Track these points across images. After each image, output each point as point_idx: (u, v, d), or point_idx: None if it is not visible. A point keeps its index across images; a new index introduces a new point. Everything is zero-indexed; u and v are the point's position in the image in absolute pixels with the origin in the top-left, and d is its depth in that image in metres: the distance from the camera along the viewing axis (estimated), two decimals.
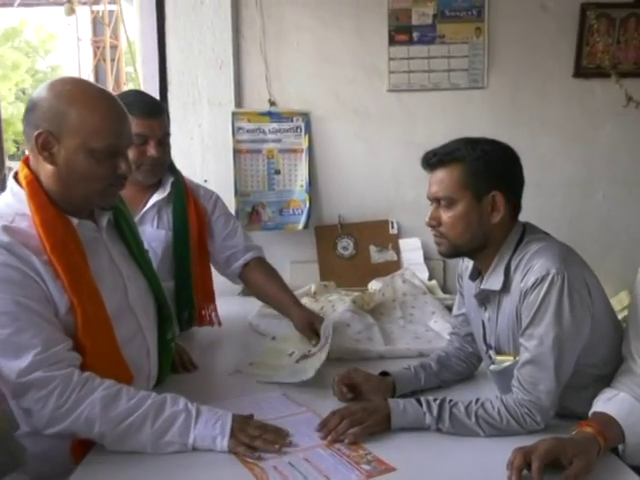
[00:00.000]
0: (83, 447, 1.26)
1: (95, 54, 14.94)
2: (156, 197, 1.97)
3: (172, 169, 2.02)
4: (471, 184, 1.36)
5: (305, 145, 2.73)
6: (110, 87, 12.54)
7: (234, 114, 2.70)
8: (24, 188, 1.31)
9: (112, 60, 13.92)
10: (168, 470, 1.18)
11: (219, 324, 2.10)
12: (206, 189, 2.14)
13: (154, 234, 1.95)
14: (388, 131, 2.75)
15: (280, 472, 1.16)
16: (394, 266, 2.76)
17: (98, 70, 14.58)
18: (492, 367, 1.46)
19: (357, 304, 2.22)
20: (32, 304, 1.21)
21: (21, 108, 21.18)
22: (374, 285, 2.56)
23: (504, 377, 1.41)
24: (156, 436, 1.22)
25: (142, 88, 2.73)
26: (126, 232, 1.51)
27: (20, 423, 1.26)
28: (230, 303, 2.38)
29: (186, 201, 1.98)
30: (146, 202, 1.97)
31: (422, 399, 1.34)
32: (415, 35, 2.71)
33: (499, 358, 1.45)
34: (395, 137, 2.75)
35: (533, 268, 1.31)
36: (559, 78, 2.75)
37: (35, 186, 1.31)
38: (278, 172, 2.73)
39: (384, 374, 1.57)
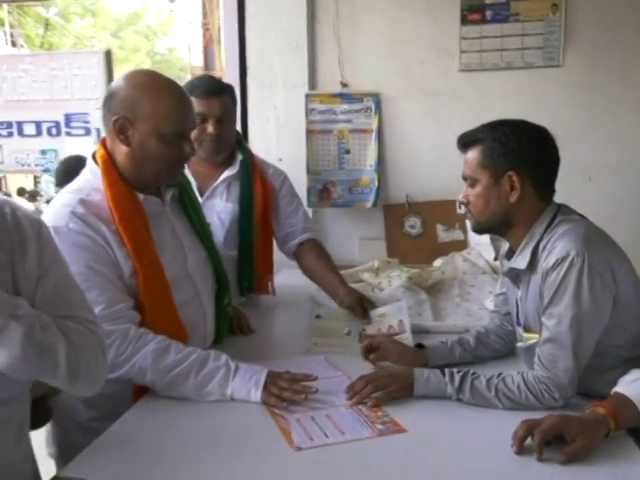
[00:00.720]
0: (142, 392, 1.46)
1: (204, 36, 15.56)
2: (226, 173, 2.13)
3: (242, 148, 2.17)
4: (488, 164, 1.43)
5: (375, 125, 2.81)
6: (217, 68, 13.03)
7: (307, 96, 2.82)
8: (100, 166, 1.51)
9: (219, 42, 14.44)
10: (207, 416, 1.34)
11: (273, 293, 2.25)
12: (276, 168, 2.27)
13: (223, 207, 2.12)
14: (458, 111, 2.76)
15: (302, 424, 1.29)
16: (460, 245, 2.79)
17: (207, 51, 15.18)
18: (519, 344, 1.51)
19: (414, 280, 2.30)
20: (100, 267, 1.41)
21: None
22: (438, 263, 2.61)
23: (530, 354, 1.45)
24: (199, 386, 1.39)
25: (224, 71, 2.93)
26: (189, 207, 1.69)
27: None
28: (296, 275, 2.53)
29: (253, 178, 2.13)
30: (217, 178, 2.14)
31: (446, 370, 1.42)
32: (488, 14, 2.69)
33: (526, 335, 1.49)
34: (465, 117, 2.73)
35: (555, 249, 1.35)
36: None
37: (109, 165, 1.50)
38: (348, 152, 2.83)
39: (420, 346, 1.65)
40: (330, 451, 1.19)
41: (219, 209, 2.10)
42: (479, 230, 1.55)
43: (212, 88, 2.02)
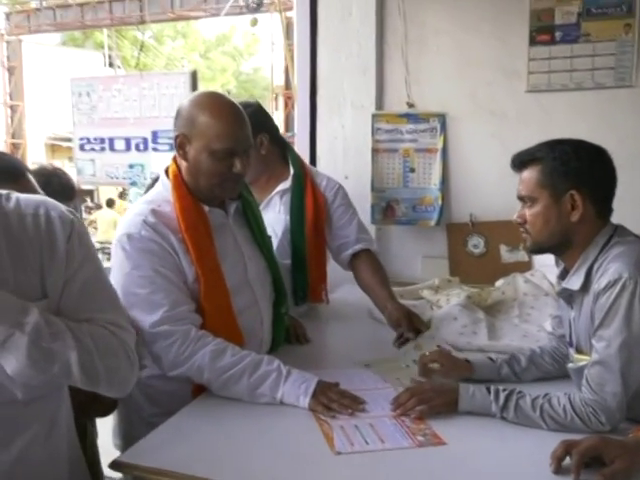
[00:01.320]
0: (200, 390, 1.57)
1: (286, 57, 15.98)
2: (280, 187, 2.23)
3: (294, 162, 2.26)
4: (549, 183, 1.43)
5: (440, 145, 2.85)
6: (292, 88, 13.33)
7: (374, 116, 2.90)
8: (170, 180, 1.65)
9: (292, 63, 14.79)
10: (256, 416, 1.43)
11: (327, 302, 2.33)
12: (330, 179, 2.33)
13: (277, 218, 2.22)
14: (525, 132, 2.74)
15: (345, 431, 1.35)
16: (525, 266, 2.76)
17: (287, 72, 15.60)
18: (570, 365, 1.51)
19: (472, 299, 2.30)
20: (166, 272, 1.54)
21: None
22: (500, 284, 2.60)
23: (580, 376, 1.44)
24: (251, 387, 1.48)
25: (296, 93, 3.06)
26: (251, 219, 1.80)
27: (152, 368, 1.60)
28: (357, 290, 2.59)
29: (305, 190, 2.21)
30: (271, 191, 2.25)
31: (492, 388, 1.44)
32: (557, 35, 2.68)
33: (577, 357, 1.49)
34: (532, 138, 2.67)
35: (608, 271, 1.35)
36: None
37: (178, 179, 1.64)
38: (413, 170, 2.88)
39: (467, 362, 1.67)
40: (369, 457, 1.25)
41: (273, 221, 2.18)
42: (537, 250, 1.56)
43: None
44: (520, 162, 1.50)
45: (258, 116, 2.13)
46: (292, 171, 2.24)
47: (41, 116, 17.08)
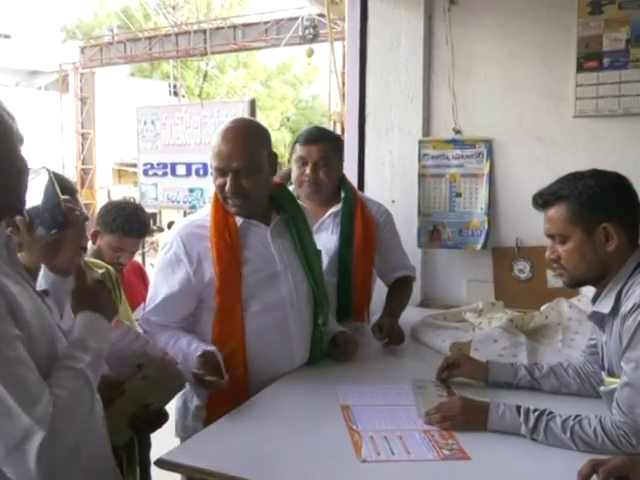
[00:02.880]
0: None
1: (344, 84, 16.26)
2: (333, 209, 2.35)
3: (345, 187, 2.37)
4: (579, 220, 1.45)
5: (486, 170, 2.88)
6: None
7: (421, 142, 2.96)
8: (212, 198, 1.85)
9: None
10: (294, 425, 1.51)
11: (368, 321, 2.38)
12: (380, 205, 2.48)
13: (329, 239, 2.32)
14: (572, 158, 2.74)
15: (374, 441, 1.40)
16: (571, 292, 2.71)
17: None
18: (602, 388, 1.51)
19: (515, 323, 2.31)
20: (172, 275, 1.78)
21: (285, 134, 24.17)
22: (544, 308, 2.58)
23: (611, 398, 1.45)
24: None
25: (346, 119, 3.17)
26: (293, 232, 1.90)
27: None
28: (406, 312, 2.63)
29: (355, 212, 2.31)
30: (324, 213, 2.36)
31: (522, 408, 1.45)
32: (605, 61, 2.68)
33: (608, 380, 1.49)
34: (579, 164, 2.66)
35: (635, 293, 1.36)
36: None
37: (217, 197, 1.82)
38: (459, 195, 2.92)
39: None
40: (393, 467, 1.30)
41: (325, 241, 2.29)
42: (576, 284, 1.58)
43: (312, 136, 2.28)
44: (544, 202, 1.53)
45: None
46: (343, 195, 2.34)
47: (110, 143, 17.93)
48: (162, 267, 1.80)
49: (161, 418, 1.52)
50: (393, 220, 2.48)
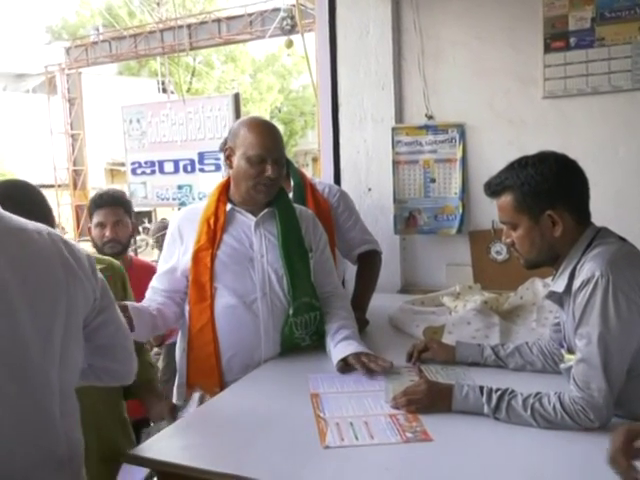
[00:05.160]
0: None
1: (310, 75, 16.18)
2: None
3: (294, 173, 2.41)
4: (524, 208, 1.49)
5: (459, 155, 2.90)
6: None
7: (394, 129, 2.98)
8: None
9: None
10: (262, 414, 1.53)
11: None
12: (332, 186, 2.55)
13: None
14: (544, 139, 2.75)
15: (339, 427, 1.43)
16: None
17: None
18: (561, 365, 1.54)
19: (489, 305, 2.34)
20: (168, 254, 1.98)
21: (277, 125, 23.96)
22: (520, 289, 2.61)
23: (570, 375, 1.48)
24: None
25: (319, 110, 3.19)
26: (279, 227, 1.96)
27: None
28: (386, 298, 2.67)
29: (305, 197, 2.35)
30: None
31: (485, 389, 1.48)
32: (572, 41, 2.69)
33: (567, 356, 1.52)
34: (550, 144, 2.66)
35: (583, 271, 1.39)
36: None
37: (221, 185, 2.00)
38: (433, 180, 2.94)
39: None
40: (356, 452, 1.32)
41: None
42: (532, 266, 1.61)
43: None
44: (492, 192, 1.56)
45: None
46: (292, 182, 2.37)
47: (101, 143, 17.89)
48: (165, 245, 2.03)
49: None
50: (348, 198, 2.52)
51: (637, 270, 1.38)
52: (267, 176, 1.87)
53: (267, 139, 1.88)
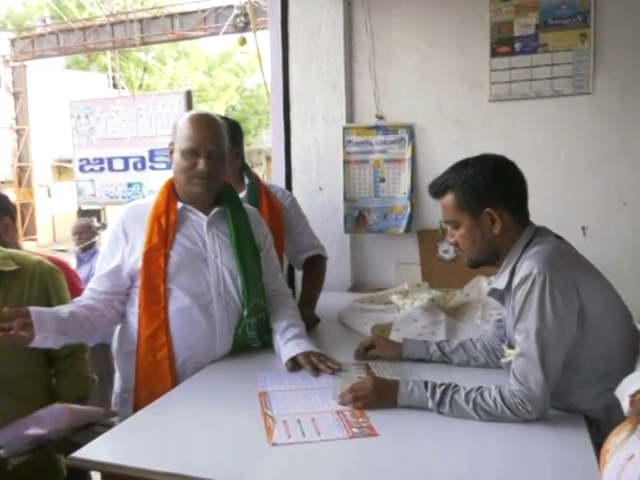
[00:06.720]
0: None
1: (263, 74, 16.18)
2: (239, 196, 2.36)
3: (248, 173, 2.41)
4: (465, 207, 1.55)
5: (408, 155, 2.95)
6: None
7: (345, 129, 3.01)
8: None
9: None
10: (209, 411, 1.53)
11: None
12: (284, 190, 2.57)
13: None
14: (489, 140, 2.84)
15: (286, 425, 1.43)
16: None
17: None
18: (502, 360, 1.59)
19: (436, 302, 2.39)
20: (110, 253, 1.88)
21: None
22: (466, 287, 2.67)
23: (510, 369, 1.53)
24: None
25: (270, 108, 3.19)
26: (231, 227, 1.94)
27: None
28: (336, 297, 2.69)
29: (260, 197, 2.35)
30: None
31: (429, 384, 1.51)
32: (517, 46, 2.78)
33: (507, 351, 1.57)
34: (496, 146, 2.77)
35: (522, 268, 1.44)
36: None
37: (169, 182, 1.93)
38: (383, 180, 2.98)
39: None
40: (303, 448, 1.33)
41: None
42: (474, 265, 1.66)
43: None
44: (435, 192, 1.61)
45: (237, 130, 2.36)
46: (247, 181, 2.37)
47: (47, 139, 17.37)
48: (105, 244, 1.93)
49: None
50: (298, 203, 2.54)
51: (573, 268, 1.44)
52: (199, 169, 1.82)
53: (200, 132, 1.82)
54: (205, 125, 1.84)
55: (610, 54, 2.68)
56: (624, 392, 1.23)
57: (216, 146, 1.85)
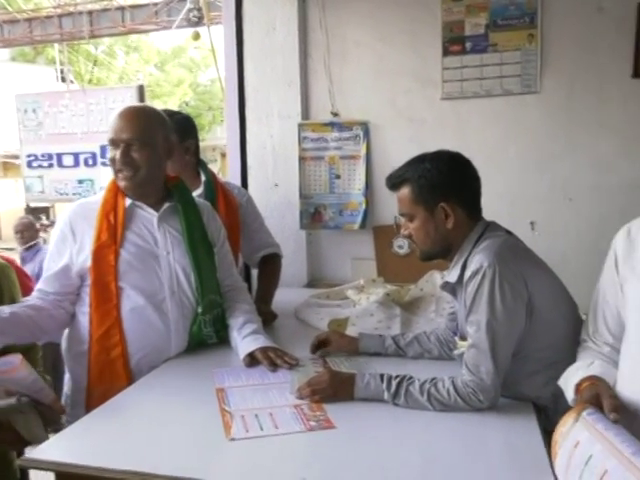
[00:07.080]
0: None
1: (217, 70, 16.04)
2: (194, 193, 2.29)
3: (205, 170, 2.39)
4: (420, 200, 1.59)
5: (363, 152, 2.98)
6: None
7: (300, 125, 3.02)
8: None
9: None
10: (167, 409, 1.52)
11: None
12: (240, 188, 2.56)
13: None
14: (441, 137, 2.90)
15: (244, 420, 1.44)
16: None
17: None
18: (455, 351, 1.64)
19: (391, 297, 2.43)
20: (58, 254, 1.83)
21: None
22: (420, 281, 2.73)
23: (462, 360, 1.57)
24: None
25: (225, 104, 3.17)
26: (182, 222, 1.91)
27: None
28: (281, 291, 2.69)
29: (216, 195, 2.34)
30: None
31: (385, 376, 1.54)
32: (468, 45, 2.84)
33: (460, 343, 1.62)
34: (448, 142, 2.82)
35: (473, 262, 1.48)
36: (617, 79, 2.73)
37: (114, 179, 1.85)
38: (338, 177, 3.01)
39: None
40: (261, 442, 1.34)
41: None
42: (427, 258, 1.69)
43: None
44: (392, 185, 1.65)
45: (186, 125, 2.31)
46: (203, 178, 2.35)
47: None
48: (53, 243, 1.88)
49: None
50: (254, 201, 2.55)
51: (521, 261, 1.49)
52: (116, 160, 1.77)
53: (120, 122, 1.77)
54: (126, 116, 1.79)
55: (556, 54, 2.77)
56: (568, 382, 1.30)
57: (135, 135, 1.77)
